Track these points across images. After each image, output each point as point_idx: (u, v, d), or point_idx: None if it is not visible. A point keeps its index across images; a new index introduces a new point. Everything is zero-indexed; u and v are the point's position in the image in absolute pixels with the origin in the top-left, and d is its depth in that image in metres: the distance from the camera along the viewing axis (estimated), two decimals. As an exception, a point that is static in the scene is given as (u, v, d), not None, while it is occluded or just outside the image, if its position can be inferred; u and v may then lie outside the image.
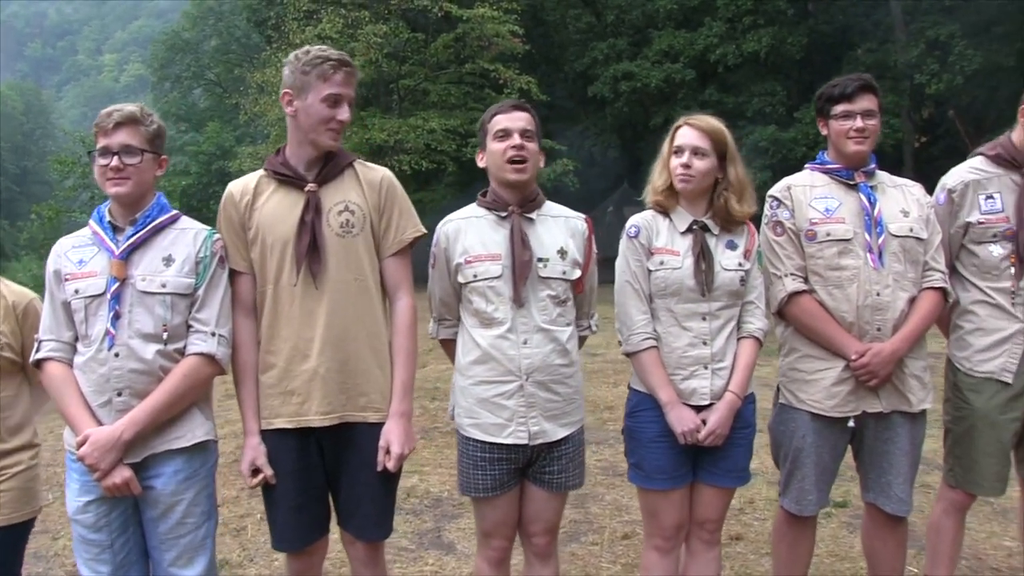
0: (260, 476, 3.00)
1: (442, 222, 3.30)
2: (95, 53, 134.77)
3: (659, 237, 3.28)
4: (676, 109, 26.09)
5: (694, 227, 3.25)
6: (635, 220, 3.33)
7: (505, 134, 3.13)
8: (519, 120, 3.16)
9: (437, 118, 24.38)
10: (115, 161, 2.81)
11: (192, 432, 2.93)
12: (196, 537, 2.94)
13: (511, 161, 3.13)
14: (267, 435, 3.03)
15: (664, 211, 3.31)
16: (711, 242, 3.25)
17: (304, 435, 3.01)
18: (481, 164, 3.28)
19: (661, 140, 3.38)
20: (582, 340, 3.43)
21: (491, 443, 3.15)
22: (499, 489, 3.18)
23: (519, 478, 3.24)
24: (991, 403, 3.51)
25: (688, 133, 3.24)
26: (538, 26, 30.77)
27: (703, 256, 3.21)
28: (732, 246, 3.28)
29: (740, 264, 3.26)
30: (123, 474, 2.79)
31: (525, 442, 3.12)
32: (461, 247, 3.18)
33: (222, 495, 5.63)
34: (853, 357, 3.27)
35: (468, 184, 32.50)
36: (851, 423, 3.36)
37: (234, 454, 5.78)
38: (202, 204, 34.33)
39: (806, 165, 3.56)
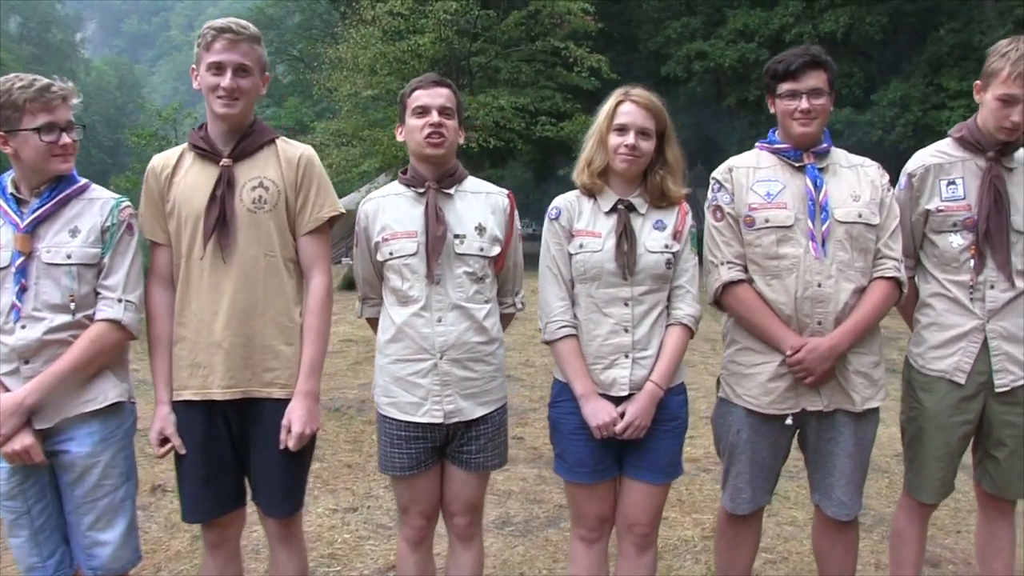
0: (168, 445, 3.04)
1: (363, 200, 3.27)
2: (187, 29, 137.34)
3: (581, 218, 3.15)
4: (750, 89, 25.71)
5: (619, 207, 3.09)
6: (557, 201, 3.21)
7: (424, 111, 3.08)
8: (439, 97, 3.10)
9: (506, 96, 24.23)
10: (64, 138, 2.88)
11: (105, 395, 2.96)
12: (114, 499, 2.96)
13: (428, 137, 3.06)
14: (177, 406, 3.05)
15: (591, 193, 3.16)
16: (636, 223, 3.10)
17: (210, 408, 3.03)
18: (400, 138, 3.22)
19: (735, 121, 3.24)
20: (507, 318, 3.36)
21: (407, 422, 3.11)
22: (417, 468, 3.14)
23: (438, 457, 3.19)
24: (941, 404, 3.30)
25: (633, 111, 3.07)
26: (614, 4, 30.41)
27: (625, 237, 3.04)
28: (660, 226, 3.12)
29: (667, 246, 3.09)
30: (23, 440, 2.80)
31: (440, 421, 3.08)
32: (379, 225, 3.15)
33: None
34: (788, 352, 3.08)
35: (543, 162, 32.52)
36: (789, 421, 3.18)
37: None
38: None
39: (756, 143, 3.34)
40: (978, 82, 3.26)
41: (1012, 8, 22.51)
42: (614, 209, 3.12)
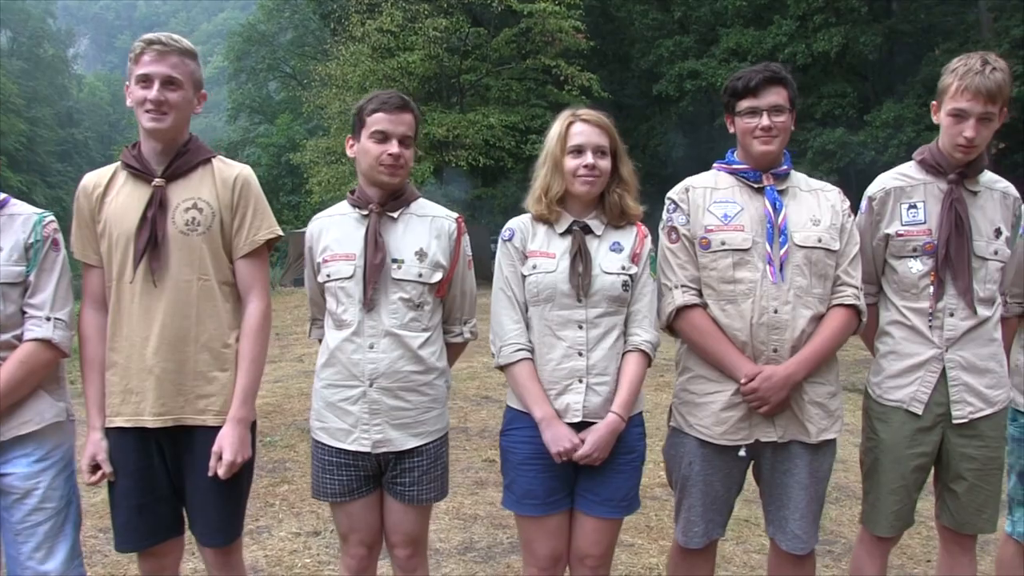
0: (100, 473, 2.92)
1: (313, 219, 3.19)
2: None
3: (535, 240, 3.02)
4: (743, 109, 25.57)
5: (574, 227, 2.97)
6: (511, 223, 3.08)
7: (384, 137, 2.95)
8: (401, 125, 2.98)
9: (496, 113, 24.19)
10: None
11: (40, 415, 2.88)
12: (55, 524, 2.88)
13: (386, 166, 2.95)
14: (110, 433, 2.94)
15: (547, 221, 3.02)
16: (592, 244, 2.97)
17: (144, 435, 2.91)
18: (351, 154, 3.09)
19: (727, 139, 3.14)
20: (456, 348, 3.25)
21: (337, 448, 3.01)
22: (349, 495, 3.05)
23: (375, 485, 3.09)
24: (897, 435, 3.16)
25: (586, 130, 2.95)
26: (608, 22, 30.35)
27: (580, 257, 2.92)
28: (617, 248, 2.99)
29: (623, 268, 2.96)
30: None
31: (368, 450, 2.97)
32: (322, 245, 3.07)
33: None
34: (742, 380, 2.93)
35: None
36: (742, 452, 3.03)
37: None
38: (271, 196, 34.49)
39: (714, 164, 3.19)
40: (934, 103, 3.15)
41: (1008, 28, 22.39)
42: (569, 230, 3.00)
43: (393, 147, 2.95)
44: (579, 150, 2.94)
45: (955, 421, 3.11)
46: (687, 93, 26.22)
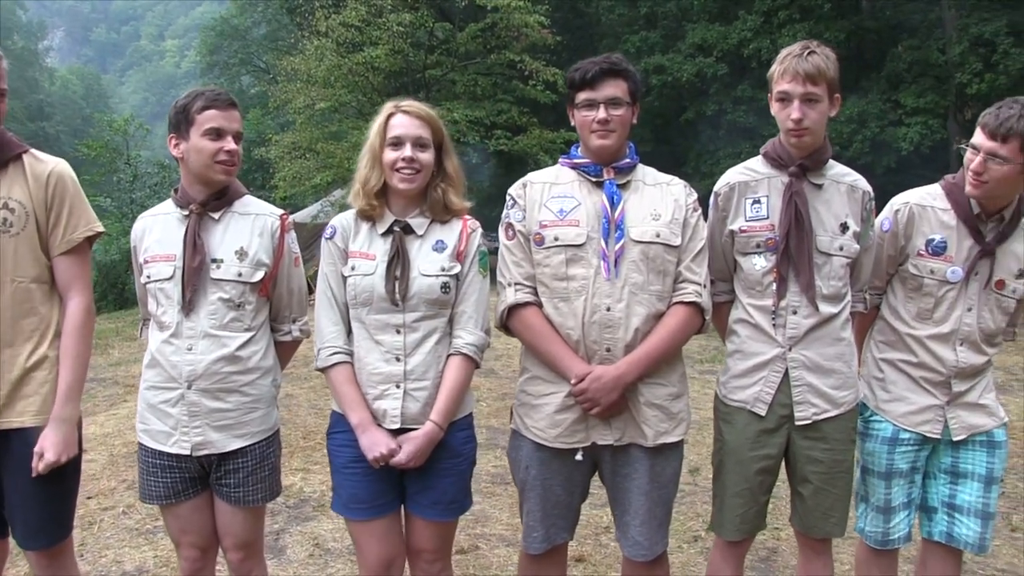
0: None
1: (138, 218, 3.12)
2: (157, 39, 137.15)
3: (357, 239, 2.96)
4: (708, 104, 25.63)
5: (395, 228, 2.91)
6: (334, 220, 3.01)
7: (219, 134, 2.89)
8: (234, 121, 2.94)
9: (461, 108, 24.04)
10: None
11: None
12: None
13: (223, 163, 2.91)
14: None
15: (369, 217, 2.96)
16: (413, 245, 2.91)
17: None
18: (176, 153, 2.99)
19: (695, 135, 3.06)
20: (288, 346, 3.19)
21: (160, 451, 2.95)
22: (174, 497, 3.00)
23: (202, 487, 3.04)
24: (741, 437, 3.11)
25: (406, 122, 2.90)
26: (577, 17, 30.28)
27: (398, 260, 2.86)
28: (440, 247, 2.93)
29: (444, 268, 2.90)
30: None
31: (188, 452, 2.92)
32: (145, 245, 3.00)
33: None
34: (573, 381, 2.86)
35: (505, 176, 32.31)
36: (579, 456, 2.95)
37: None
38: (242, 191, 34.57)
39: (560, 158, 3.13)
40: (770, 95, 3.10)
41: (968, 26, 22.50)
42: (390, 230, 2.94)
43: (230, 143, 2.91)
44: (398, 142, 2.88)
45: (797, 423, 3.06)
46: (653, 88, 26.13)
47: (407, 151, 2.87)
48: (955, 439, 3.17)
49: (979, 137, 2.97)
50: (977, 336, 3.14)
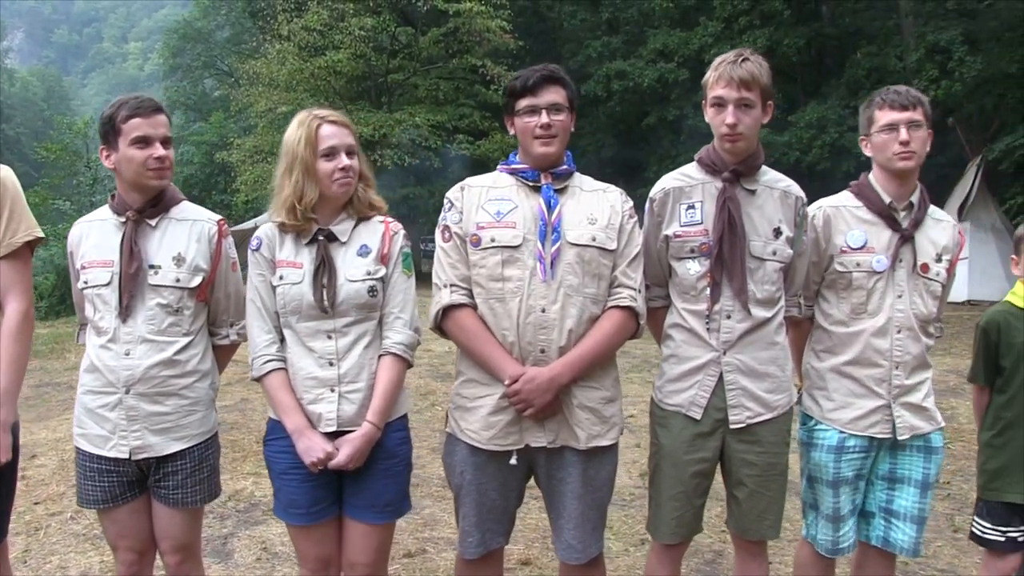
0: None
1: (75, 223, 3.12)
2: (120, 41, 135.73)
3: (283, 248, 2.97)
4: (669, 109, 25.74)
5: (319, 237, 2.93)
6: (258, 232, 3.03)
7: (145, 142, 2.90)
8: (160, 127, 2.95)
9: (423, 113, 24.09)
10: None
11: None
12: None
13: (154, 170, 2.93)
14: None
15: (299, 231, 2.97)
16: (338, 252, 2.95)
17: None
18: (108, 164, 3.00)
19: (657, 139, 3.09)
20: (226, 350, 3.23)
21: (98, 455, 2.96)
22: (112, 501, 3.01)
23: (140, 491, 3.05)
24: (676, 440, 3.14)
25: (337, 131, 2.94)
26: (540, 22, 30.36)
27: (324, 269, 2.88)
28: (364, 252, 2.97)
29: (370, 272, 2.93)
30: None
31: (126, 456, 2.93)
32: (82, 251, 3.01)
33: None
34: (506, 382, 2.88)
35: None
36: (513, 460, 2.97)
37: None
38: (204, 194, 34.56)
39: (498, 165, 3.17)
40: (704, 101, 3.13)
41: (924, 34, 22.81)
42: (314, 239, 2.97)
43: (158, 150, 2.91)
44: (332, 152, 2.90)
45: (732, 426, 3.09)
46: (614, 94, 26.27)
47: (344, 160, 2.91)
48: (899, 438, 3.21)
49: (889, 116, 3.13)
50: (913, 323, 3.20)
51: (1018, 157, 19.21)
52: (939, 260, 3.24)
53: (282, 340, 3.01)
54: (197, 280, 3.02)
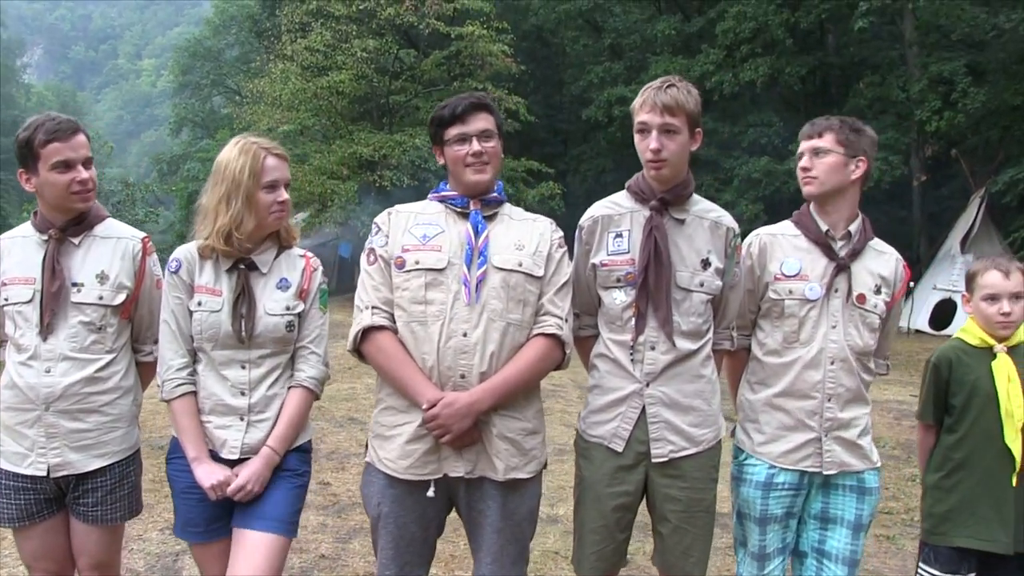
0: None
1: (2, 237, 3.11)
2: (135, 57, 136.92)
3: (203, 273, 2.96)
4: (671, 136, 25.66)
5: (240, 266, 2.92)
6: (177, 253, 2.99)
7: (68, 165, 2.90)
8: (81, 148, 2.94)
9: (424, 135, 24.07)
10: None
11: None
12: None
13: (78, 194, 2.94)
14: None
15: (226, 256, 2.96)
16: (258, 283, 2.94)
17: None
18: (28, 188, 2.98)
19: None
20: (150, 367, 3.20)
21: (14, 472, 2.94)
22: (28, 520, 2.99)
23: (58, 508, 3.03)
24: (598, 473, 3.08)
25: (279, 165, 2.99)
26: (543, 47, 30.43)
27: (244, 299, 2.88)
28: (284, 285, 2.97)
29: (289, 307, 2.95)
30: None
31: (44, 474, 2.91)
32: (3, 268, 2.99)
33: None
34: (424, 406, 2.80)
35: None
36: (431, 492, 2.89)
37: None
38: (210, 210, 34.51)
39: (429, 194, 3.13)
40: (633, 129, 3.12)
41: (928, 64, 22.75)
42: (235, 267, 2.96)
43: (81, 173, 2.91)
44: (274, 185, 2.92)
45: (654, 460, 3.03)
46: (615, 119, 26.27)
47: (283, 194, 2.94)
48: (825, 472, 3.14)
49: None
50: (848, 354, 3.14)
51: (1022, 190, 19.09)
52: (878, 292, 3.20)
53: (195, 361, 3.00)
54: (120, 298, 3.03)
